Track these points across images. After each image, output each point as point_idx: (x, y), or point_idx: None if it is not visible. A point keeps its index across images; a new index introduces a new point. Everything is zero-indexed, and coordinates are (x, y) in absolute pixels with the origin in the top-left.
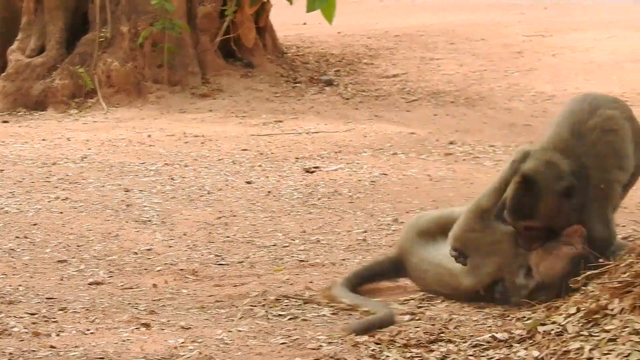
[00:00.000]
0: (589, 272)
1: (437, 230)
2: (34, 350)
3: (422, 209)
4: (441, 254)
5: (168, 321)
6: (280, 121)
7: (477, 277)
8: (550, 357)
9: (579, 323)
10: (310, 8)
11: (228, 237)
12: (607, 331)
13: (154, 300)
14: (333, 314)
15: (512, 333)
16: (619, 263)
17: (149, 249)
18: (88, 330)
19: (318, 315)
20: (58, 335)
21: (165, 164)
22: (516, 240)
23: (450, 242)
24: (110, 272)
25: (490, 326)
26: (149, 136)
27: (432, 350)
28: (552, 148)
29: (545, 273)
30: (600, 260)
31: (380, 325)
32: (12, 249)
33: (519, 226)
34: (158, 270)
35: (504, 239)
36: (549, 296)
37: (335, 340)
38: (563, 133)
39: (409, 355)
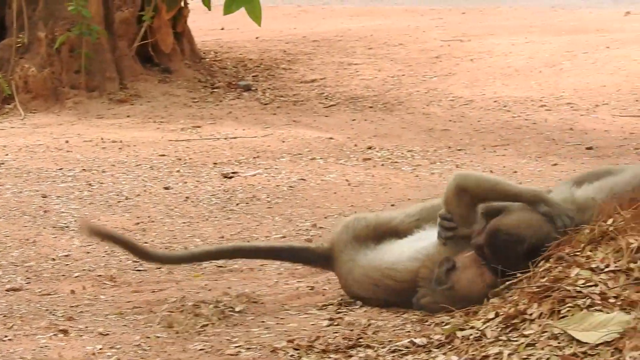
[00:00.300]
0: (508, 282)
1: (371, 235)
2: None
3: (340, 214)
4: (375, 256)
5: (86, 327)
6: (198, 126)
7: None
8: None
9: (497, 328)
10: (226, 11)
11: (146, 242)
12: (526, 336)
13: (72, 307)
14: (252, 320)
15: (431, 338)
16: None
17: (66, 255)
18: (6, 337)
19: (237, 321)
20: None
21: (83, 169)
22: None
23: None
24: (27, 278)
25: (409, 331)
26: (67, 142)
27: (350, 356)
28: None
29: (464, 284)
30: None
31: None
32: None
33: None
34: (76, 277)
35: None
36: (457, 306)
37: (254, 346)
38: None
39: None
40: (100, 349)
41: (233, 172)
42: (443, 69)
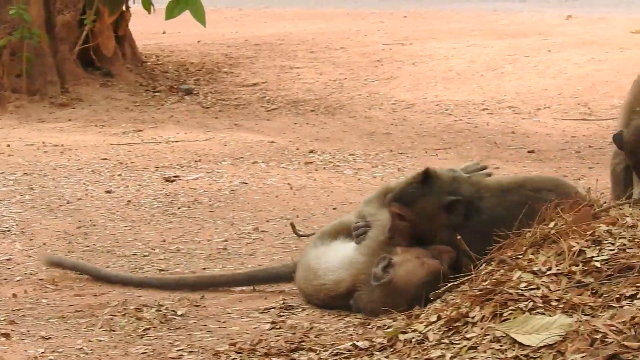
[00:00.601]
0: (449, 284)
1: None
2: None
3: (282, 217)
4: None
5: (28, 331)
6: (140, 130)
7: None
8: None
9: (439, 331)
10: (168, 15)
11: (88, 246)
12: (468, 339)
13: (14, 311)
14: (194, 323)
15: (373, 341)
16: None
17: (8, 259)
18: None
19: (179, 325)
20: None
21: (25, 173)
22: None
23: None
24: None
25: (351, 334)
26: (8, 146)
27: (293, 359)
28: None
29: (403, 275)
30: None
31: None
32: None
33: (393, 209)
34: (18, 280)
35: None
36: (396, 302)
37: (196, 350)
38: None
39: None
40: (42, 352)
41: (175, 176)
42: (385, 72)
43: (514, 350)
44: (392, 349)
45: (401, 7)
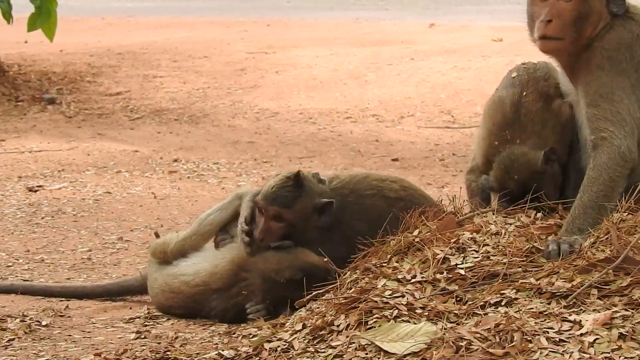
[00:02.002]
0: (315, 292)
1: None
2: None
3: (146, 227)
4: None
5: None
6: (3, 140)
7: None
8: None
9: (305, 339)
10: (30, 27)
11: None
12: (334, 347)
13: None
14: (59, 333)
15: (239, 350)
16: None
17: None
18: None
19: (43, 335)
20: None
21: None
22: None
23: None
24: None
25: (216, 344)
26: None
27: None
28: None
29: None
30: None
31: None
32: None
33: (270, 211)
34: None
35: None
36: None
37: None
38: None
39: None
40: None
41: (38, 186)
42: (248, 81)
43: (379, 358)
44: (257, 358)
45: (264, 15)
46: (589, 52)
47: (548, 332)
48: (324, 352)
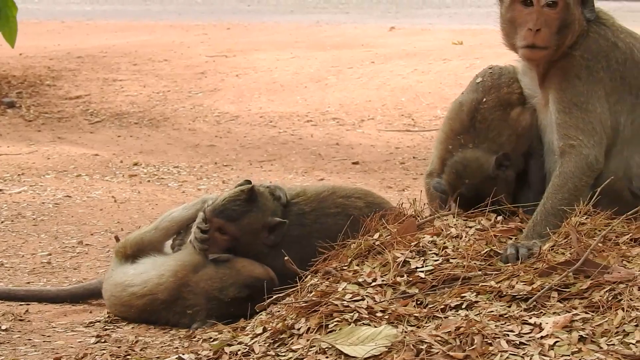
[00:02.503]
0: (275, 296)
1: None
2: None
3: (107, 231)
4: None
5: None
6: None
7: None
8: None
9: (265, 343)
10: None
11: None
12: (294, 351)
13: None
14: (18, 337)
15: (199, 354)
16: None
17: None
18: None
19: (2, 339)
20: None
21: None
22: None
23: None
24: None
25: (176, 347)
26: None
27: None
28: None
29: (243, 261)
30: None
31: None
32: None
33: (215, 223)
34: None
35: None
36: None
37: None
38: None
39: None
40: None
41: None
42: (208, 84)
43: None
44: None
45: (224, 19)
46: (566, 60)
47: (508, 335)
48: (284, 356)
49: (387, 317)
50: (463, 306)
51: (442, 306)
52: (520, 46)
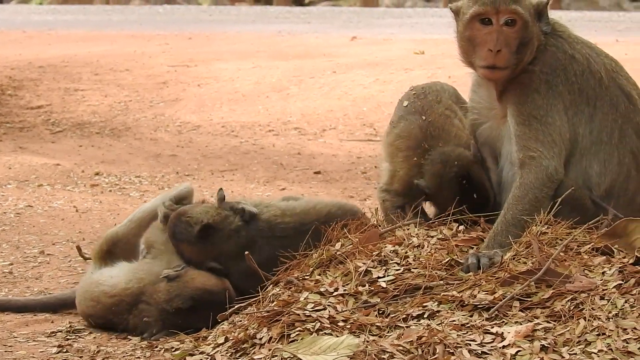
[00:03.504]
0: (237, 306)
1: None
2: None
3: (68, 240)
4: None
5: None
6: None
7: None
8: None
9: (227, 353)
10: None
11: None
12: None
13: None
14: None
15: None
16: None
17: None
18: None
19: None
20: None
21: None
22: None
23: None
24: None
25: (138, 357)
26: None
27: None
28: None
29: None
30: None
31: None
32: None
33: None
34: None
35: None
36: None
37: None
38: None
39: None
40: None
41: None
42: (170, 94)
43: None
44: None
45: (186, 29)
46: (526, 75)
47: (470, 345)
48: None
49: (349, 326)
50: (425, 316)
51: (404, 316)
52: (480, 66)
